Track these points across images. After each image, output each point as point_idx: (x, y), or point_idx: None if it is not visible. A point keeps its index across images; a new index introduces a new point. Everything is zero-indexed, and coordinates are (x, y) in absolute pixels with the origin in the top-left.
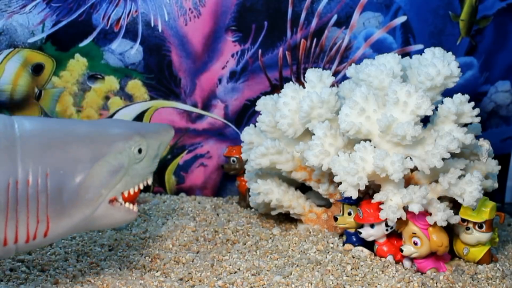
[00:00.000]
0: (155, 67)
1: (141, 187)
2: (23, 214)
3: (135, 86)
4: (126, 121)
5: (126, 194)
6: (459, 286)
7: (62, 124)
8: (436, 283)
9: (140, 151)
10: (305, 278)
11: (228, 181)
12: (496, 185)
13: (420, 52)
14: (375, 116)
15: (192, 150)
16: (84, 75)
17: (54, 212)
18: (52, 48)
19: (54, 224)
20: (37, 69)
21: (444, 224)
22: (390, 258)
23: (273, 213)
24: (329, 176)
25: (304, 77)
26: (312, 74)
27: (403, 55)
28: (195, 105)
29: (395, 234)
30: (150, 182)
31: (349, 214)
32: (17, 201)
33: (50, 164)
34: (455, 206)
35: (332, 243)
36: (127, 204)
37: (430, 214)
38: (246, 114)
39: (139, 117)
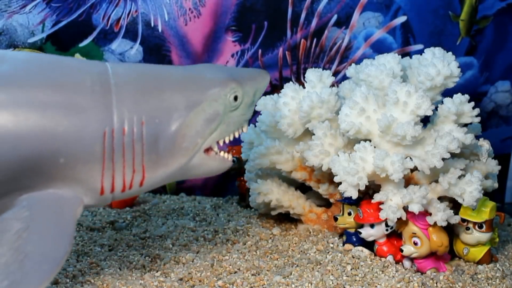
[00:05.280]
0: None
1: (236, 135)
2: (119, 163)
3: None
4: (221, 67)
5: (221, 143)
6: (459, 286)
7: (156, 70)
8: (436, 283)
9: (236, 98)
10: (305, 278)
11: (228, 181)
12: (496, 185)
13: (420, 52)
14: (375, 116)
15: None
16: None
17: (149, 161)
18: (52, 48)
19: (150, 174)
20: None
21: (444, 224)
22: (390, 258)
23: (273, 213)
24: (329, 176)
25: (304, 77)
26: (312, 74)
27: (403, 55)
28: None
29: (395, 234)
30: (246, 130)
31: (349, 214)
32: (113, 151)
33: (145, 113)
34: (455, 206)
35: (332, 243)
36: (221, 152)
37: (430, 214)
38: None
39: None
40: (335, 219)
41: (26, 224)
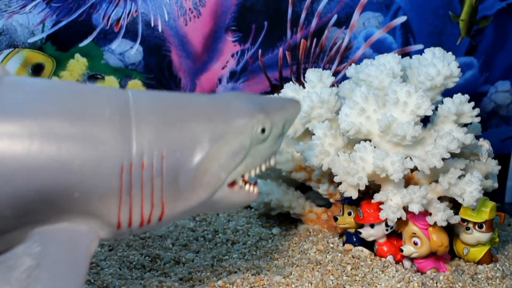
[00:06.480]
0: (155, 67)
1: (263, 169)
2: (137, 198)
3: (135, 86)
4: (249, 95)
5: (246, 177)
6: (459, 286)
7: (180, 98)
8: (436, 283)
9: (263, 130)
10: (305, 278)
11: None
12: (496, 185)
13: (420, 52)
14: (375, 116)
15: None
16: (84, 75)
17: (169, 196)
18: (52, 48)
19: (169, 208)
20: (37, 69)
21: (444, 224)
22: (390, 258)
23: (273, 213)
24: (329, 176)
25: (304, 77)
26: (312, 74)
27: (403, 55)
28: None
29: (395, 234)
30: (273, 163)
31: (349, 214)
32: (131, 185)
33: (166, 146)
34: (455, 206)
35: (332, 243)
36: (247, 186)
37: (430, 214)
38: None
39: None
40: (335, 219)
41: (37, 261)
